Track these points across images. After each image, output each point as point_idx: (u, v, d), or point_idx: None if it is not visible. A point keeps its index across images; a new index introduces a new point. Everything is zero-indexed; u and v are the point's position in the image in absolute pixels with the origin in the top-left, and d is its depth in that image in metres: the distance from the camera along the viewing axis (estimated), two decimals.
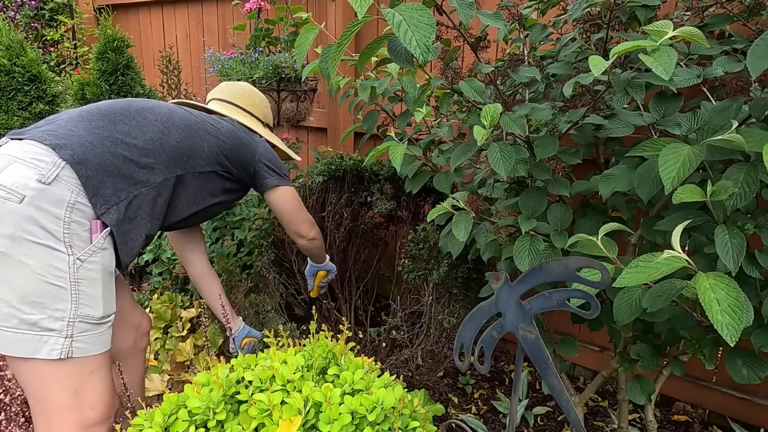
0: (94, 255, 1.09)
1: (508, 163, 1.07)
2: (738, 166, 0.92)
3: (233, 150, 1.42)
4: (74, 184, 1.08)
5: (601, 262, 0.81)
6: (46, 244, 1.02)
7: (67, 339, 1.04)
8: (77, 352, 1.06)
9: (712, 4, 1.28)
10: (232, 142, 1.42)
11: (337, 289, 2.18)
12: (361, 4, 0.78)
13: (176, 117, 1.32)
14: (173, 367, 1.90)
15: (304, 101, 2.28)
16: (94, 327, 1.09)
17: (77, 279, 1.05)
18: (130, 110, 1.25)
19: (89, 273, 1.07)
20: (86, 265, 1.07)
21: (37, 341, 1.02)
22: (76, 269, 1.05)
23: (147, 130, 1.24)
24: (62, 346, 1.04)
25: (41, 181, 1.03)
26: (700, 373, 1.83)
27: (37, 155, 1.07)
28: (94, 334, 1.09)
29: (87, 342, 1.08)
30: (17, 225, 1.00)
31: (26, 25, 3.84)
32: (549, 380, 0.89)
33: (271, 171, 1.53)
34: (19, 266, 1.01)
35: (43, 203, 1.03)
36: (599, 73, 0.88)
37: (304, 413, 0.86)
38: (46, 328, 1.02)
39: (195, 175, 1.34)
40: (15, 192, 1.01)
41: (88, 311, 1.07)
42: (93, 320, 1.09)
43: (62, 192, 1.05)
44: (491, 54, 2.06)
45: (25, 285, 1.01)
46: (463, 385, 2.07)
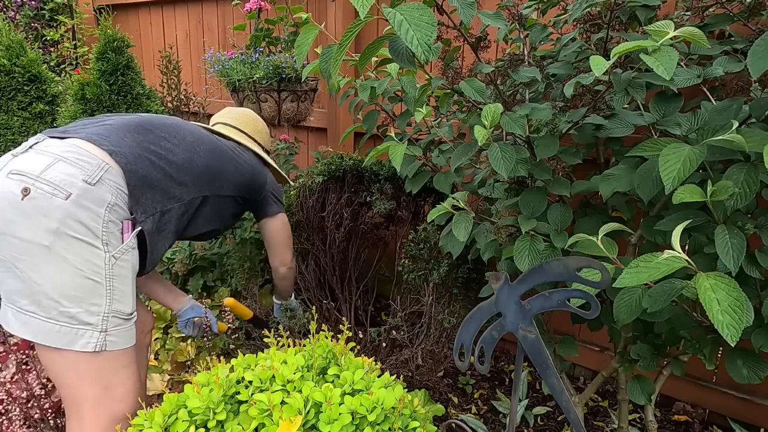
0: (126, 254, 1.14)
1: (509, 163, 1.07)
2: (738, 166, 0.92)
3: (251, 177, 1.51)
4: (114, 187, 1.13)
5: (601, 262, 0.81)
6: (87, 241, 1.07)
7: (102, 333, 1.10)
8: (110, 346, 1.11)
9: (713, 4, 1.28)
10: (251, 170, 1.51)
11: (337, 289, 2.18)
12: (363, 3, 0.78)
13: (205, 139, 1.40)
14: (173, 367, 1.89)
15: (304, 101, 2.28)
16: (124, 322, 1.15)
17: (112, 275, 1.11)
18: (168, 127, 1.32)
19: (122, 270, 1.13)
20: (119, 262, 1.13)
21: (74, 334, 1.07)
22: (111, 266, 1.11)
23: (184, 148, 1.31)
24: (97, 340, 1.09)
25: (86, 182, 1.09)
26: (700, 373, 1.83)
27: (81, 156, 1.12)
28: (124, 328, 1.15)
29: (119, 336, 1.13)
30: (62, 220, 1.05)
31: (26, 25, 3.84)
32: (549, 380, 0.89)
33: (276, 199, 1.63)
34: (60, 260, 1.05)
35: (86, 202, 1.08)
36: (600, 73, 0.88)
37: (304, 413, 0.86)
38: (83, 322, 1.07)
39: (217, 197, 1.41)
40: (62, 189, 1.06)
41: (120, 307, 1.13)
42: (124, 315, 1.14)
43: (104, 193, 1.11)
44: (491, 54, 2.06)
45: (66, 279, 1.05)
46: (463, 385, 2.07)
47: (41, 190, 1.05)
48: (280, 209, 1.64)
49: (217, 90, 3.34)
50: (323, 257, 2.17)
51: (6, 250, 1.05)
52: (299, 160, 2.92)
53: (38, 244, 1.04)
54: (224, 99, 3.28)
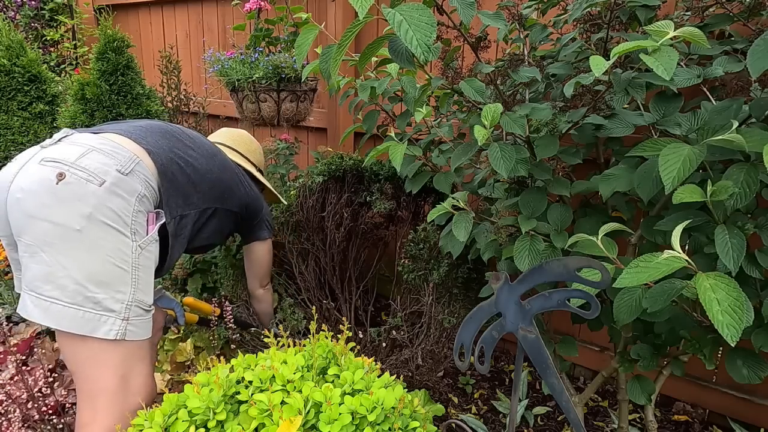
0: (151, 245, 1.17)
1: (509, 163, 1.07)
2: (738, 166, 0.92)
3: (253, 201, 1.56)
4: (143, 179, 1.17)
5: (601, 262, 0.81)
6: (117, 228, 1.10)
7: (124, 321, 1.11)
8: (130, 335, 1.12)
9: (712, 4, 1.28)
10: (254, 195, 1.57)
11: (337, 289, 2.18)
12: (362, 4, 0.78)
13: (218, 152, 1.46)
14: (173, 367, 1.89)
15: (304, 101, 2.27)
16: (145, 312, 1.16)
17: (138, 265, 1.13)
18: (190, 136, 1.38)
19: (146, 261, 1.16)
20: (145, 253, 1.15)
21: (97, 320, 1.07)
22: (137, 256, 1.13)
23: (205, 158, 1.37)
24: (119, 327, 1.10)
25: (120, 171, 1.12)
26: (700, 373, 1.83)
27: (115, 148, 1.16)
28: (144, 319, 1.16)
29: (139, 326, 1.14)
30: (96, 206, 1.07)
31: (26, 26, 3.84)
32: (549, 380, 0.89)
33: (268, 225, 1.70)
34: (91, 245, 1.07)
35: (119, 190, 1.11)
36: (600, 73, 0.88)
37: (304, 413, 0.86)
38: (107, 308, 1.08)
39: (224, 211, 1.45)
40: (96, 176, 1.09)
41: (143, 297, 1.15)
42: (145, 306, 1.16)
43: (135, 184, 1.14)
44: (491, 54, 2.06)
45: (95, 264, 1.07)
46: (463, 385, 2.07)
47: (76, 175, 1.08)
48: (268, 235, 1.70)
49: (216, 90, 3.34)
50: (323, 257, 2.17)
51: (36, 234, 1.06)
52: (299, 160, 2.92)
53: (71, 228, 1.05)
54: (224, 99, 3.28)
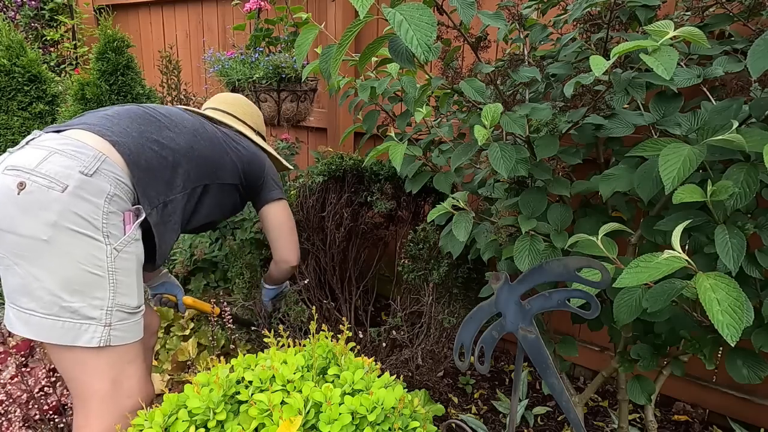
0: (129, 246, 1.12)
1: (509, 163, 1.07)
2: (738, 166, 0.92)
3: (249, 162, 1.47)
4: (112, 177, 1.11)
5: (601, 262, 0.81)
6: (87, 234, 1.05)
7: (106, 327, 1.08)
8: (115, 341, 1.09)
9: (712, 4, 1.28)
10: (249, 155, 1.48)
11: (337, 289, 2.18)
12: (363, 3, 0.78)
13: (204, 126, 1.38)
14: (173, 367, 1.89)
15: (304, 101, 2.28)
16: (129, 316, 1.13)
17: (114, 268, 1.09)
18: (168, 116, 1.31)
19: (125, 263, 1.11)
20: (122, 255, 1.10)
21: (78, 329, 1.05)
22: (113, 259, 1.09)
23: (185, 137, 1.29)
24: (101, 334, 1.07)
25: (83, 173, 1.06)
26: (700, 373, 1.83)
27: (78, 147, 1.10)
28: (130, 322, 1.13)
29: (124, 330, 1.11)
30: (61, 213, 1.03)
31: (26, 26, 3.84)
32: (549, 380, 0.89)
33: (276, 185, 1.56)
34: (60, 254, 1.03)
35: (84, 193, 1.06)
36: (600, 73, 0.88)
37: (304, 413, 0.86)
38: (86, 316, 1.06)
39: (218, 186, 1.39)
40: (58, 181, 1.04)
41: (125, 300, 1.11)
42: (129, 309, 1.12)
43: (102, 184, 1.08)
44: (491, 54, 2.06)
45: (67, 273, 1.04)
46: (463, 385, 2.07)
47: (37, 183, 1.03)
48: (281, 195, 1.56)
49: (216, 90, 3.33)
50: (323, 257, 2.17)
51: (6, 247, 1.04)
52: (299, 160, 2.92)
53: (38, 238, 1.02)
54: None
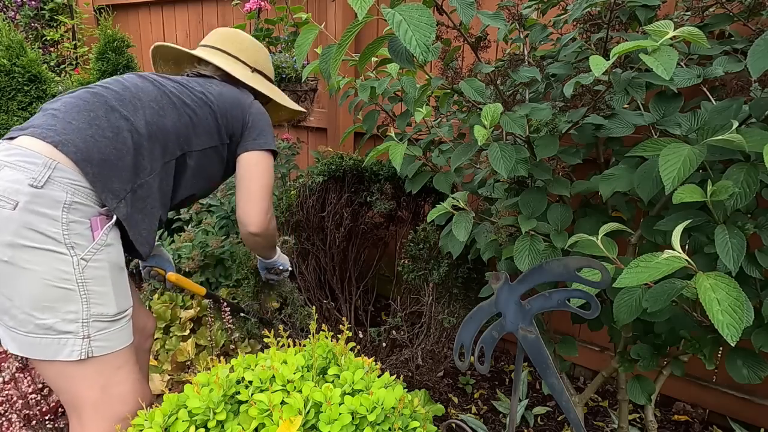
0: (99, 253, 1.06)
1: (509, 163, 1.07)
2: (738, 166, 0.92)
3: (226, 116, 1.30)
4: (67, 183, 1.03)
5: (601, 262, 0.81)
6: (48, 248, 1.00)
7: (85, 339, 1.04)
8: (97, 351, 1.05)
9: (712, 4, 1.28)
10: (225, 107, 1.31)
11: (337, 289, 2.18)
12: (362, 4, 0.78)
13: (165, 92, 1.23)
14: (173, 367, 1.89)
15: (304, 101, 2.28)
16: (110, 324, 1.08)
17: (84, 279, 1.04)
18: (125, 93, 1.18)
19: (96, 272, 1.05)
20: (92, 264, 1.05)
21: (56, 344, 1.02)
22: (82, 270, 1.03)
23: (143, 113, 1.17)
24: (81, 347, 1.03)
25: (33, 185, 0.99)
26: (700, 373, 1.83)
27: (26, 157, 1.02)
28: (112, 331, 1.08)
29: (106, 339, 1.07)
30: (15, 232, 0.98)
31: (26, 26, 3.84)
32: (549, 380, 0.89)
33: (260, 133, 1.34)
34: (24, 273, 0.99)
35: (38, 207, 0.99)
36: (600, 73, 0.88)
37: (304, 413, 0.86)
38: (61, 331, 1.02)
39: (195, 153, 1.27)
40: (8, 198, 0.98)
41: (101, 310, 1.06)
42: (107, 318, 1.07)
43: (56, 194, 1.01)
44: (491, 54, 2.06)
45: (34, 291, 1.00)
46: (463, 385, 2.07)
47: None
48: (263, 145, 1.33)
49: None
50: (323, 257, 2.17)
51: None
52: (299, 160, 2.92)
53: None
54: None
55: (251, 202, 1.30)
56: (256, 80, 1.47)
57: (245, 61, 1.47)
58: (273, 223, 1.38)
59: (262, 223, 1.32)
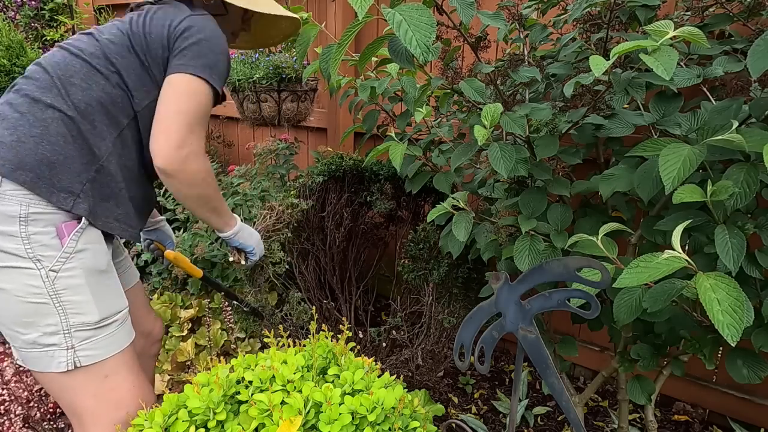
0: (70, 261, 1.00)
1: (509, 163, 1.07)
2: (738, 166, 0.92)
3: (150, 44, 1.08)
4: (19, 194, 0.97)
5: (601, 262, 0.81)
6: (13, 266, 0.97)
7: (70, 350, 1.02)
8: (85, 360, 1.03)
9: (712, 4, 1.28)
10: (147, 41, 1.08)
11: (337, 289, 2.18)
12: (362, 4, 0.78)
13: (88, 61, 1.06)
14: (173, 367, 1.90)
15: (304, 101, 2.28)
16: (95, 332, 1.04)
17: (56, 291, 0.99)
18: (45, 78, 1.05)
19: (69, 281, 1.01)
20: (62, 274, 1.00)
21: (45, 356, 1.02)
22: (53, 281, 0.99)
23: (69, 93, 1.04)
24: (66, 358, 1.01)
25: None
26: (700, 373, 1.83)
27: None
28: (98, 338, 1.05)
29: (93, 348, 1.04)
30: None
31: (26, 26, 3.84)
32: (549, 380, 0.89)
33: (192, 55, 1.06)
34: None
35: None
36: (600, 73, 0.88)
37: (304, 413, 0.86)
38: (46, 344, 1.01)
39: (143, 112, 1.10)
40: None
41: (81, 319, 1.02)
42: (90, 326, 1.03)
43: (9, 208, 0.96)
44: (491, 54, 2.06)
45: (10, 310, 0.99)
46: (463, 385, 2.07)
47: None
48: (183, 69, 1.05)
49: None
50: (323, 257, 2.17)
51: None
52: (299, 160, 2.92)
53: None
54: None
55: (156, 130, 1.06)
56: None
57: None
58: (196, 165, 1.08)
59: (170, 156, 1.04)
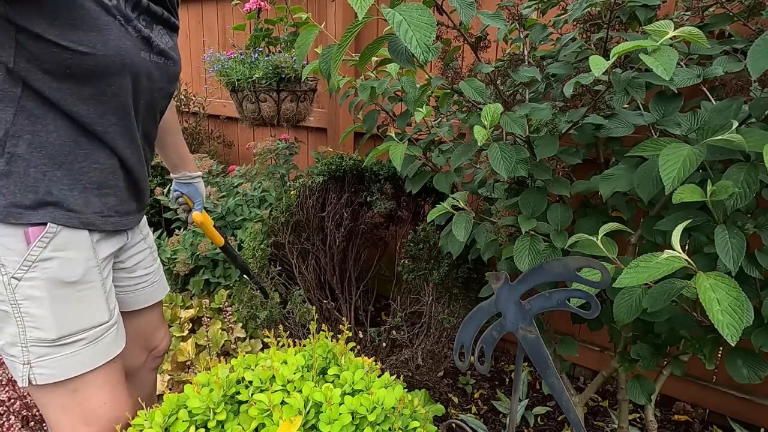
0: (33, 270, 0.92)
1: (509, 163, 1.07)
2: (738, 165, 0.92)
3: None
4: None
5: (601, 262, 0.81)
6: None
7: (26, 365, 0.94)
8: (40, 379, 0.95)
9: (712, 4, 1.28)
10: None
11: (337, 289, 2.18)
12: (362, 4, 0.78)
13: None
14: (173, 367, 1.90)
15: (304, 101, 2.28)
16: (52, 350, 0.95)
17: (17, 300, 0.92)
18: None
19: (30, 291, 0.92)
20: (24, 282, 0.92)
21: (12, 366, 0.97)
22: (14, 289, 0.92)
23: None
24: (22, 373, 0.94)
25: None
26: (700, 373, 1.83)
27: None
28: (56, 357, 0.95)
29: (49, 367, 0.95)
30: None
31: None
32: (549, 380, 0.89)
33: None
34: None
35: None
36: (600, 73, 0.88)
37: (304, 413, 0.86)
38: (9, 354, 0.96)
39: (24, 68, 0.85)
40: None
41: (38, 334, 0.94)
42: (47, 343, 0.94)
43: None
44: (491, 54, 2.06)
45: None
46: (463, 385, 2.07)
47: None
48: None
49: (216, 90, 3.34)
50: (323, 257, 2.17)
51: None
52: (299, 160, 2.92)
53: None
54: (224, 99, 3.27)
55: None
56: None
57: None
58: None
59: None
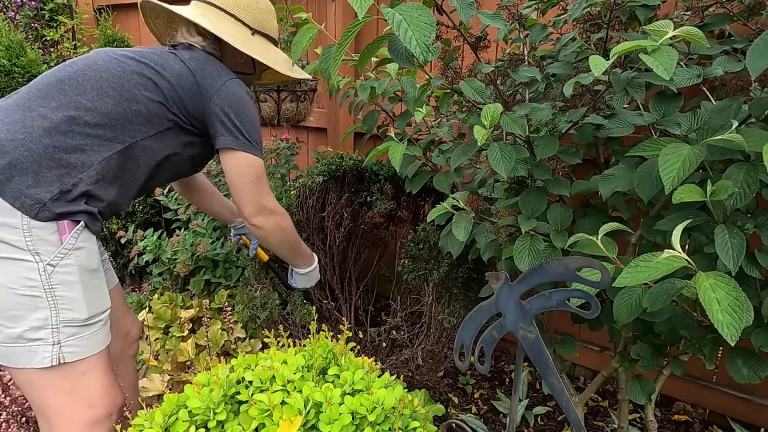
0: (67, 257, 1.03)
1: (509, 163, 1.07)
2: (738, 165, 0.92)
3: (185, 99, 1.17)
4: None
5: (601, 262, 0.81)
6: (11, 257, 0.99)
7: (56, 345, 1.03)
8: (69, 357, 1.04)
9: (712, 4, 1.28)
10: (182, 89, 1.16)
11: (337, 289, 2.18)
12: (362, 4, 0.79)
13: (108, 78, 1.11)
14: (173, 367, 1.89)
15: (304, 101, 2.27)
16: (82, 329, 1.06)
17: (51, 285, 1.02)
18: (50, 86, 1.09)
19: (65, 276, 1.03)
20: (59, 269, 1.03)
21: (27, 351, 1.02)
22: (49, 275, 1.01)
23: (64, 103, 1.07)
24: (51, 354, 1.02)
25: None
26: (700, 372, 1.83)
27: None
28: (84, 336, 1.07)
29: (78, 345, 1.06)
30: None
31: (26, 26, 3.84)
32: (549, 380, 0.89)
33: (226, 126, 1.18)
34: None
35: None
36: (600, 73, 0.88)
37: (304, 413, 0.86)
38: (31, 339, 1.01)
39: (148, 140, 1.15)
40: None
41: (71, 315, 1.04)
42: (78, 323, 1.06)
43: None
44: (491, 54, 2.06)
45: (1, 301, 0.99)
46: (463, 385, 2.07)
47: None
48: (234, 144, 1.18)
49: None
50: (323, 257, 2.17)
51: None
52: (299, 160, 2.92)
53: None
54: None
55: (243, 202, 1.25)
56: (255, 45, 1.27)
57: (245, 21, 1.27)
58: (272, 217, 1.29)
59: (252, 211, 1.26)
